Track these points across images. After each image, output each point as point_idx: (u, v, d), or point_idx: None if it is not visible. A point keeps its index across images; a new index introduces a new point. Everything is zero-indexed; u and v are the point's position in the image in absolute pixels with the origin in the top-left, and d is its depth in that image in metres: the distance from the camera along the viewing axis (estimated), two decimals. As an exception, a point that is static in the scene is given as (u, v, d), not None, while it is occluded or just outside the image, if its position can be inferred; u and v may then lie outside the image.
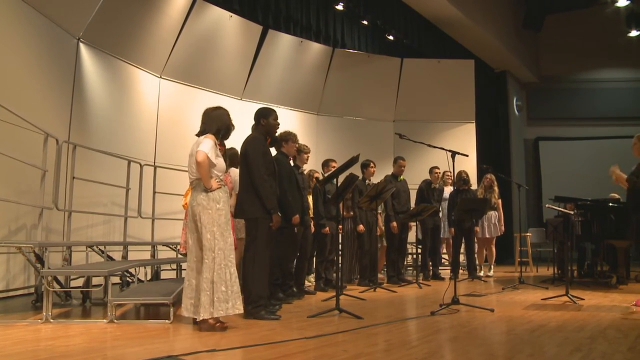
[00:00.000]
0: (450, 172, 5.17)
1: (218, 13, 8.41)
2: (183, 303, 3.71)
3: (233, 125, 3.90)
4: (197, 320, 3.61)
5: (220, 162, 3.78)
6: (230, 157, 5.26)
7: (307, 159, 5.98)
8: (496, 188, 8.35)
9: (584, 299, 5.27)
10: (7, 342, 3.14)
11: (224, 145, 4.86)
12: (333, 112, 10.62)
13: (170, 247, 6.92)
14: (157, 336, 3.43)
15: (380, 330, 3.69)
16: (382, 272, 7.92)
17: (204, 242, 3.63)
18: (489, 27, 11.59)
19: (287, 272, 5.37)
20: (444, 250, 9.07)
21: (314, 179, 6.35)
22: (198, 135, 3.83)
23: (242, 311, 3.71)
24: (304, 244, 5.67)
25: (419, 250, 8.05)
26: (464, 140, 10.82)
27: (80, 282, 5.19)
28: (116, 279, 5.55)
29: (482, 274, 8.26)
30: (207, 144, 3.67)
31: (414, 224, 7.75)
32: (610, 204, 6.80)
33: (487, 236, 8.35)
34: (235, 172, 5.11)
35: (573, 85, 14.30)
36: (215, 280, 3.56)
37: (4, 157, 4.79)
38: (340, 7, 9.69)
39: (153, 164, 7.57)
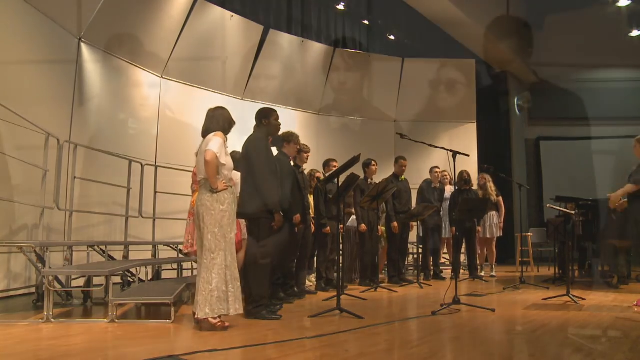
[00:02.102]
0: (449, 171, 5.16)
1: (219, 13, 8.41)
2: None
3: (234, 121, 3.97)
4: (195, 317, 3.62)
5: (229, 160, 3.81)
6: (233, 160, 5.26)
7: (307, 159, 5.98)
8: (491, 185, 8.30)
9: (585, 299, 5.26)
10: (9, 342, 3.15)
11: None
12: (334, 112, 10.60)
13: (171, 247, 6.92)
14: (158, 336, 3.44)
15: (381, 330, 3.69)
16: (383, 272, 7.92)
17: (204, 243, 3.65)
18: (490, 27, 11.57)
19: (288, 272, 5.36)
20: (445, 250, 9.07)
21: (315, 179, 6.36)
22: (203, 134, 3.85)
23: (241, 312, 3.71)
24: (303, 244, 5.67)
25: (420, 250, 8.05)
26: (465, 140, 10.81)
27: (81, 281, 5.20)
28: (117, 279, 5.54)
29: (482, 274, 8.25)
30: (216, 142, 3.69)
31: (415, 223, 7.75)
32: (612, 204, 6.78)
33: (488, 236, 8.34)
34: (236, 175, 5.11)
35: (574, 85, 14.26)
36: (216, 280, 3.57)
37: (5, 156, 4.80)
38: (341, 7, 9.70)
39: (154, 163, 7.57)
